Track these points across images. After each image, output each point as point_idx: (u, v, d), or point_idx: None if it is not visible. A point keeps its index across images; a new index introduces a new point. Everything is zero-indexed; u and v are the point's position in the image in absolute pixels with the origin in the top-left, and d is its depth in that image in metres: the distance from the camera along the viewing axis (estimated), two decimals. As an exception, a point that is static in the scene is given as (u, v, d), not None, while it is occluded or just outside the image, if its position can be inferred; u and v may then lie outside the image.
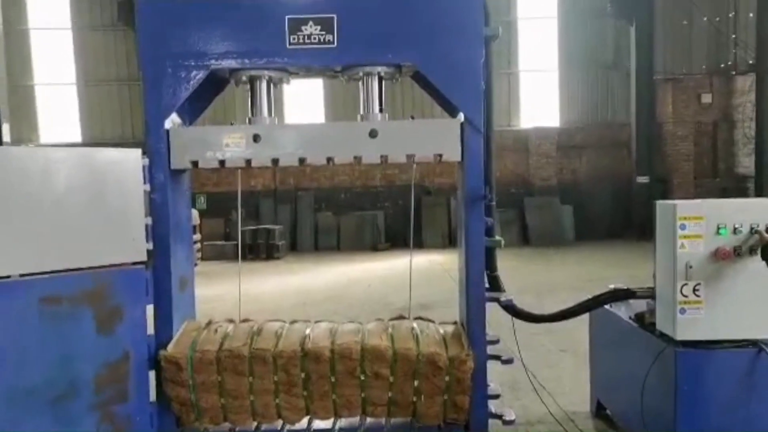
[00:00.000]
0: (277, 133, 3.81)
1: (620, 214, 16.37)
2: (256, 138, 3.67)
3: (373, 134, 3.64)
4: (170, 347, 3.71)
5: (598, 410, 4.56)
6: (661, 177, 16.06)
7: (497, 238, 3.85)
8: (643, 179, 15.71)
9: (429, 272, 11.59)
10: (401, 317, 4.08)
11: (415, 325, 3.83)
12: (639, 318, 3.72)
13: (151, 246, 3.84)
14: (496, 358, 3.81)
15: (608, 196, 16.58)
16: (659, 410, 3.38)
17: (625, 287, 3.86)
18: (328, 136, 3.88)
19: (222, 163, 3.72)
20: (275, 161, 3.71)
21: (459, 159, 3.73)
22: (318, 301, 9.82)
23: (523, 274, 10.59)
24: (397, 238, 16.73)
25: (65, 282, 3.57)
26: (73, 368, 3.57)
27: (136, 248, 3.78)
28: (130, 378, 3.75)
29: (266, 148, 3.69)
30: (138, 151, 3.80)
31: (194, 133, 3.87)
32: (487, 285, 3.90)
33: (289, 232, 17.16)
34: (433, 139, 3.73)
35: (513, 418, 3.90)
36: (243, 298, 5.07)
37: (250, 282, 11.70)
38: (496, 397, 4.03)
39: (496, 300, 3.85)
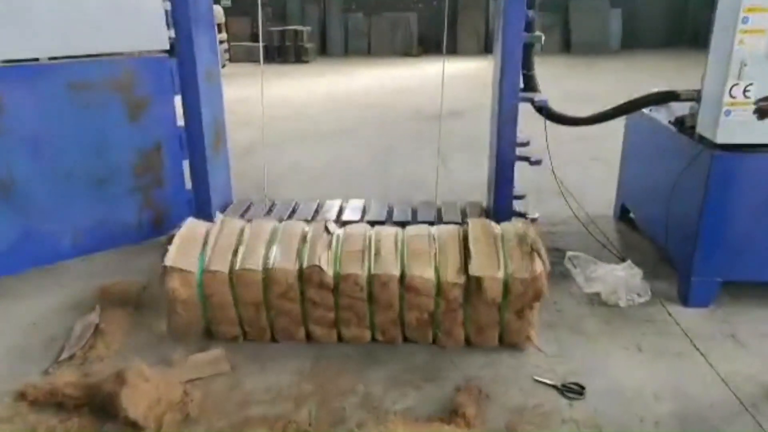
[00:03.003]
0: None
1: (674, 21, 15.11)
2: None
3: None
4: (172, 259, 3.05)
5: (622, 214, 4.63)
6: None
7: (537, 33, 3.59)
8: None
9: (462, 79, 11.20)
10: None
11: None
12: (679, 121, 3.56)
13: (173, 34, 3.69)
14: (525, 159, 3.77)
15: (663, 2, 15.17)
16: (684, 216, 3.39)
17: (668, 89, 3.65)
18: None
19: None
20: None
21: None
22: (347, 107, 9.71)
23: (562, 83, 10.18)
24: (431, 42, 15.97)
25: (91, 68, 3.54)
26: (109, 154, 3.70)
27: (157, 36, 3.66)
28: (165, 166, 3.87)
29: None
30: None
31: None
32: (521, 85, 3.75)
33: (319, 34, 16.47)
34: None
35: (537, 216, 3.99)
36: (272, 99, 5.01)
37: (278, 86, 11.55)
38: (522, 197, 4.10)
39: (530, 101, 3.71)
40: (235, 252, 3.05)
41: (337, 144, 7.39)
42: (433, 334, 3.08)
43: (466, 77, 11.48)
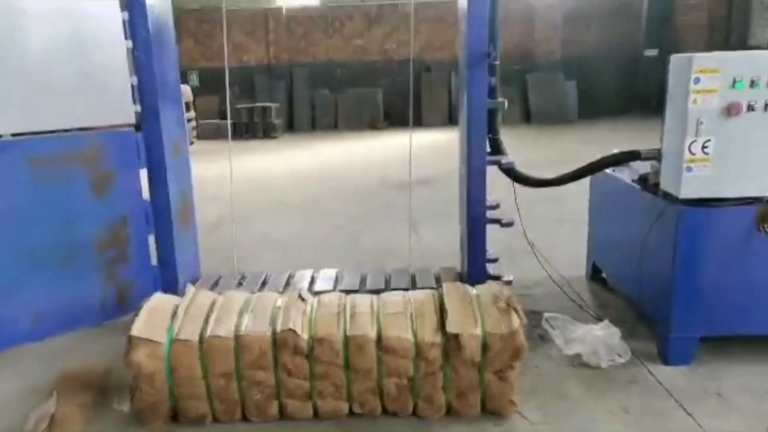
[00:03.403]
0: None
1: (626, 90, 15.91)
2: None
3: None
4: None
5: (594, 274, 4.64)
6: (670, 49, 15.40)
7: (500, 99, 3.69)
8: (651, 52, 15.12)
9: (429, 150, 11.44)
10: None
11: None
12: (642, 179, 3.64)
13: (138, 108, 3.68)
14: (496, 221, 3.79)
15: (614, 70, 16.02)
16: (657, 273, 3.40)
17: (630, 150, 3.75)
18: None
19: None
20: None
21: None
22: (316, 179, 9.76)
23: (525, 152, 10.45)
24: (396, 116, 16.41)
25: (55, 143, 3.48)
26: (73, 230, 3.59)
27: (123, 110, 3.64)
28: (130, 241, 3.76)
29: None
30: (115, 3, 3.53)
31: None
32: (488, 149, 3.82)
33: (286, 110, 16.80)
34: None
35: (511, 279, 3.96)
36: (240, 177, 5.01)
37: (247, 161, 11.60)
38: (495, 260, 4.08)
39: (497, 163, 3.77)
40: (206, 320, 2.92)
41: (307, 215, 7.37)
42: (413, 403, 2.95)
43: (432, 147, 11.73)
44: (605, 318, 3.67)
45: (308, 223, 6.99)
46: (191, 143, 13.32)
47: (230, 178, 4.91)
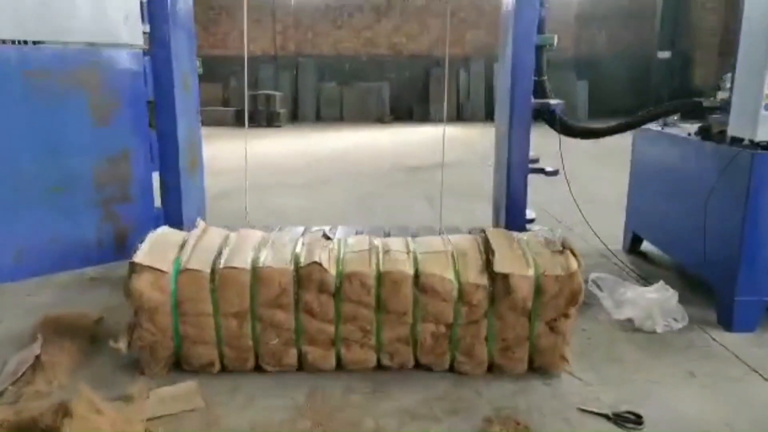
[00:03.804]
0: None
1: (638, 92, 15.62)
2: None
3: None
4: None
5: (632, 246, 4.28)
6: (683, 52, 15.18)
7: (548, 34, 3.35)
8: (664, 54, 14.85)
9: (437, 140, 11.08)
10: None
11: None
12: (704, 129, 3.30)
13: (147, 29, 3.31)
14: (540, 171, 3.43)
15: (626, 72, 15.74)
16: (722, 230, 3.05)
17: (689, 99, 3.41)
18: None
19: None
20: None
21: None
22: (325, 162, 9.40)
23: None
24: (403, 111, 16.07)
25: (53, 56, 3.08)
26: (68, 158, 3.19)
27: (130, 28, 3.26)
28: (132, 178, 3.38)
29: None
30: None
31: None
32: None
33: (291, 101, 16.45)
34: None
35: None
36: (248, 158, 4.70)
37: (253, 145, 11.21)
38: (531, 221, 3.74)
39: (544, 107, 3.41)
40: (219, 253, 2.54)
41: (319, 191, 6.99)
42: (451, 357, 2.57)
43: (440, 140, 11.35)
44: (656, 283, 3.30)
45: (319, 198, 6.61)
46: (193, 127, 12.95)
47: (245, 157, 4.53)
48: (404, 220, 5.34)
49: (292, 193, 6.84)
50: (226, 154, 7.95)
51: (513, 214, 3.39)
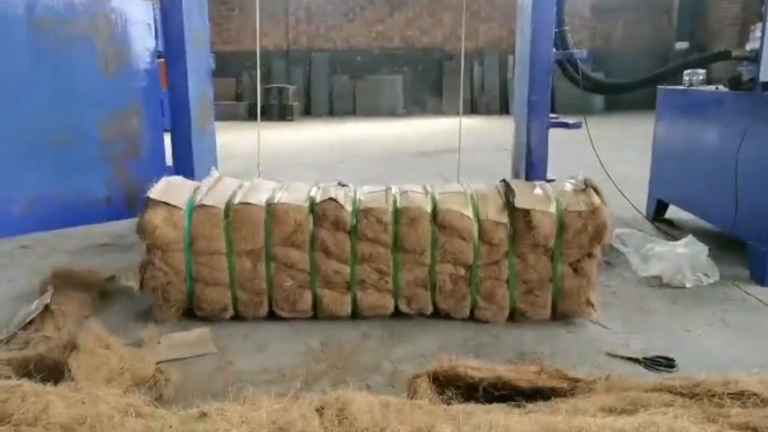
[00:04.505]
0: None
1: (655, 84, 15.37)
2: None
3: None
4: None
5: (657, 213, 4.14)
6: (701, 44, 14.94)
7: (570, -15, 3.23)
8: (682, 45, 14.61)
9: (451, 131, 10.98)
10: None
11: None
12: (734, 79, 3.16)
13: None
14: (562, 125, 3.31)
15: (643, 63, 15.50)
16: (753, 180, 2.92)
17: (717, 50, 3.28)
18: None
19: None
20: None
21: None
22: (336, 149, 9.33)
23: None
24: (416, 104, 15.99)
25: (62, 2, 3.00)
26: (75, 109, 3.11)
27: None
28: (141, 134, 3.31)
29: None
30: None
31: None
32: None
33: (303, 95, 16.43)
34: None
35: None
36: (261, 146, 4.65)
37: (265, 135, 11.19)
38: (551, 181, 3.61)
39: (567, 57, 3.29)
40: (234, 195, 2.47)
41: (333, 172, 6.91)
42: (472, 302, 2.46)
43: (453, 130, 11.25)
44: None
45: (334, 177, 6.53)
46: (206, 119, 12.97)
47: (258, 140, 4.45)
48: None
49: (306, 174, 6.78)
50: (238, 143, 7.90)
51: (534, 168, 3.27)
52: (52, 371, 1.93)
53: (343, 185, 2.65)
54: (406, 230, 2.34)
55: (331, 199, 2.36)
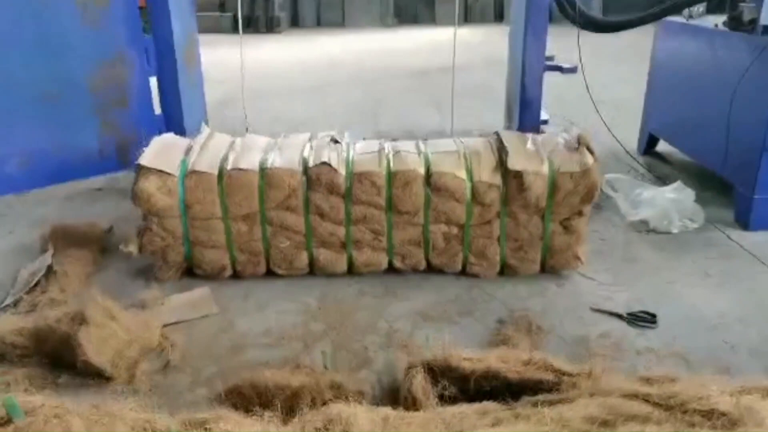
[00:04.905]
0: None
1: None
2: None
3: None
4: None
5: (648, 147, 4.16)
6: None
7: None
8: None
9: (445, 43, 10.64)
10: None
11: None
12: (734, 18, 3.09)
13: None
14: (557, 69, 3.26)
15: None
16: (747, 124, 2.93)
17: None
18: None
19: None
20: None
21: None
22: (324, 67, 9.09)
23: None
24: (408, 14, 15.40)
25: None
26: (60, 62, 3.04)
27: None
28: (129, 83, 3.24)
29: None
30: None
31: None
32: None
33: (290, 5, 15.75)
34: None
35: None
36: (247, 63, 4.47)
37: (251, 52, 10.84)
38: (545, 122, 3.60)
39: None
40: (226, 158, 2.47)
41: (324, 97, 6.79)
42: (464, 259, 2.54)
43: (447, 44, 10.90)
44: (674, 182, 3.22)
45: (324, 104, 6.43)
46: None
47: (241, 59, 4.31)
48: (413, 126, 5.21)
49: (296, 99, 6.66)
50: (226, 62, 7.66)
51: (527, 115, 3.26)
52: (62, 343, 2.03)
53: (337, 141, 2.64)
54: (400, 193, 2.37)
55: (324, 163, 2.37)
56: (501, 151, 2.50)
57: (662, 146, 4.11)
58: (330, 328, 2.26)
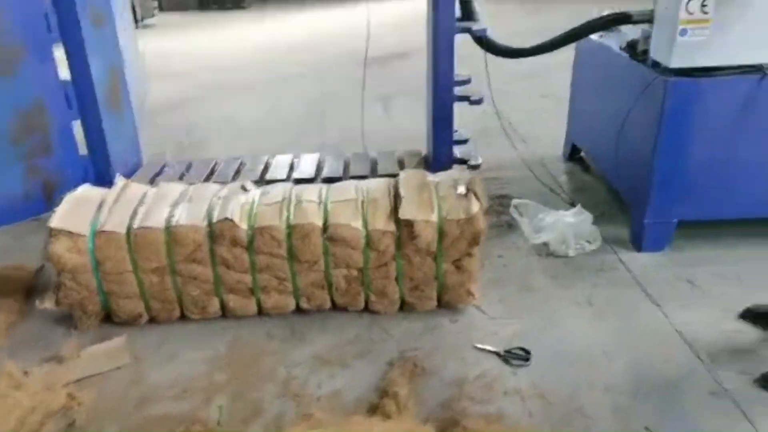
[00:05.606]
0: None
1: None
2: None
3: None
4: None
5: (572, 154, 4.33)
6: None
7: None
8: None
9: (406, 21, 10.60)
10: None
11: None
12: (630, 46, 3.22)
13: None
14: (464, 99, 3.39)
15: None
16: (637, 151, 3.10)
17: (619, 12, 3.28)
18: None
19: None
20: None
21: None
22: (288, 53, 9.07)
23: (513, 22, 9.70)
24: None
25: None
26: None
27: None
28: (50, 128, 3.34)
29: None
30: None
31: None
32: (458, 14, 3.33)
33: (256, -22, 15.43)
34: None
35: (480, 162, 3.65)
36: (210, 52, 4.48)
37: (216, 33, 10.74)
38: (464, 142, 3.75)
39: (468, 31, 3.29)
40: (135, 212, 2.62)
41: (274, 93, 6.85)
42: (365, 297, 2.73)
43: (408, 17, 10.85)
44: (578, 203, 3.40)
45: (274, 105, 6.49)
46: (152, 15, 12.30)
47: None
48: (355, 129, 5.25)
49: (249, 97, 6.71)
50: (184, 50, 7.60)
51: (439, 143, 3.40)
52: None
53: (246, 190, 2.79)
54: (299, 244, 2.55)
55: (226, 219, 2.53)
56: (397, 198, 2.66)
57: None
58: (233, 377, 2.45)
